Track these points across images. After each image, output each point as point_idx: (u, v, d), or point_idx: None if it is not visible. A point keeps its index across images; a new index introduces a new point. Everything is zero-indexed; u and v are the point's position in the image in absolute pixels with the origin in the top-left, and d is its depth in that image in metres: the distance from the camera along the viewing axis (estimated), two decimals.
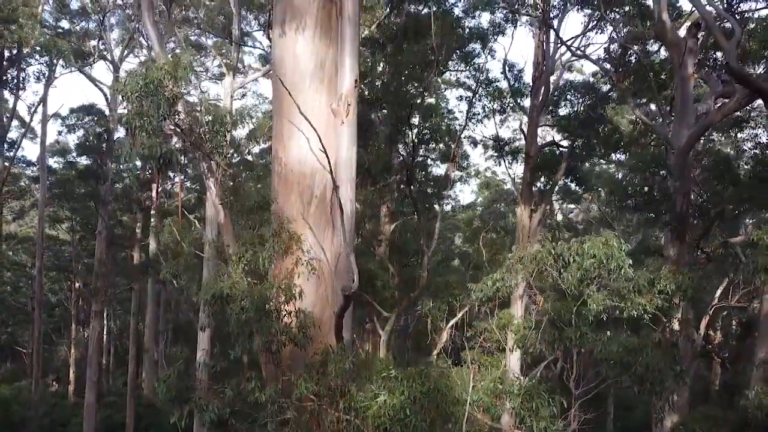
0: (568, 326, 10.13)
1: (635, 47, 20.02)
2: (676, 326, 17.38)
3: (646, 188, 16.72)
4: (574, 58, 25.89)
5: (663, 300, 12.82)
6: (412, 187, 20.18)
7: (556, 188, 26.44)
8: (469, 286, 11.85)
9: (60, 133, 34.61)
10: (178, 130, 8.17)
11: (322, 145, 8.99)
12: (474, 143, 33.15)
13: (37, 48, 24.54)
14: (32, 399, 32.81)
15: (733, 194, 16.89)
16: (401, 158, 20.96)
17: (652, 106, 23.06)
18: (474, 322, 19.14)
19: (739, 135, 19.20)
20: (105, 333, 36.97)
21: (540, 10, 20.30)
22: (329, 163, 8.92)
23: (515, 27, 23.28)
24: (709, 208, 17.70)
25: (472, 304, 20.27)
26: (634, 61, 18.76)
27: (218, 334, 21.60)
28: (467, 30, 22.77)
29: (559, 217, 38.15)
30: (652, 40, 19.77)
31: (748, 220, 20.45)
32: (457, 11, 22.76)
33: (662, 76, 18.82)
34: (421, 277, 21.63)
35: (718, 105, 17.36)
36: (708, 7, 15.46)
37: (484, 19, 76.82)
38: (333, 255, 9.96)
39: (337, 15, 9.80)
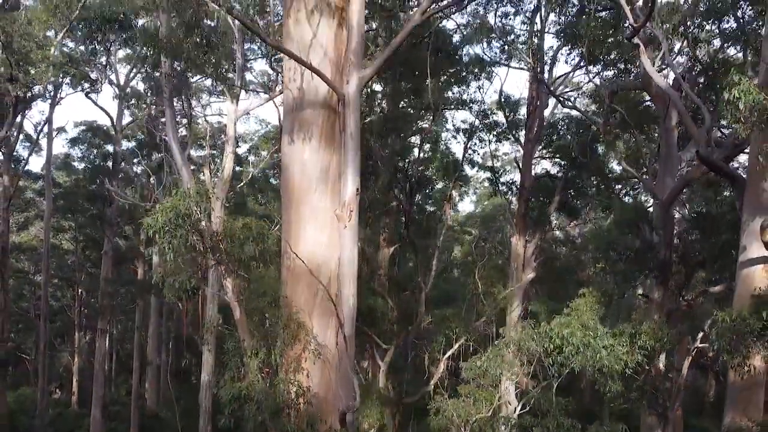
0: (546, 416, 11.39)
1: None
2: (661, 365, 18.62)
3: (630, 249, 17.86)
4: (568, 89, 27.07)
5: (643, 356, 14.14)
6: (409, 229, 21.37)
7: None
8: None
9: (66, 156, 35.88)
10: (206, 249, 9.35)
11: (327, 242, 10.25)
12: (471, 164, 34.33)
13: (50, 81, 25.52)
14: (38, 408, 33.97)
15: (713, 246, 18.10)
16: (399, 198, 22.10)
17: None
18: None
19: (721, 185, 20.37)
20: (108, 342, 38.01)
21: (531, 60, 21.39)
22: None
23: (509, 67, 24.46)
24: (690, 257, 18.92)
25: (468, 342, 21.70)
26: (619, 113, 19.90)
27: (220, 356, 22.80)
28: (463, 63, 23.64)
29: (557, 232, 39.10)
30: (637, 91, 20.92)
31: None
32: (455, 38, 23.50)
33: (646, 127, 19.98)
34: (418, 312, 22.87)
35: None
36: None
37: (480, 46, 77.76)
38: (336, 341, 11.21)
39: (340, 129, 10.98)
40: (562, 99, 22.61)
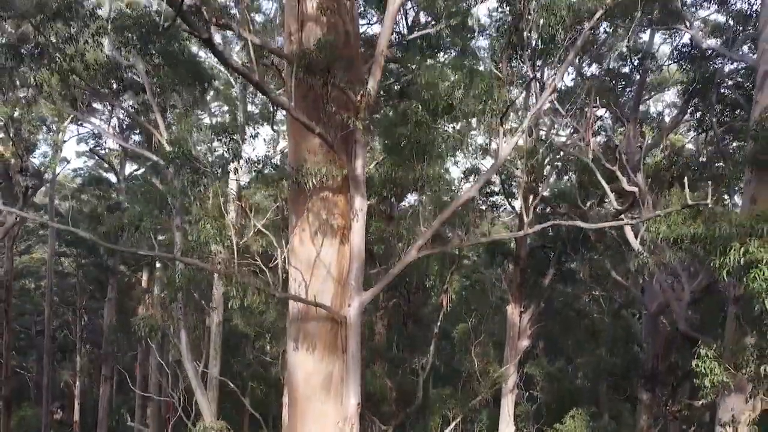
0: None
1: None
2: None
3: (617, 370, 19.26)
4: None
5: None
6: (407, 324, 22.76)
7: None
8: None
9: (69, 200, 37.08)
10: None
11: None
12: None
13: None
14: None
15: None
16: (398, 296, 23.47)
17: None
18: None
19: None
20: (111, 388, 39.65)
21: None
22: None
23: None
24: (677, 368, 20.35)
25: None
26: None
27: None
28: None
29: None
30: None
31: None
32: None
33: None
34: (416, 396, 24.37)
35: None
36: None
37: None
38: None
39: (343, 341, 12.30)
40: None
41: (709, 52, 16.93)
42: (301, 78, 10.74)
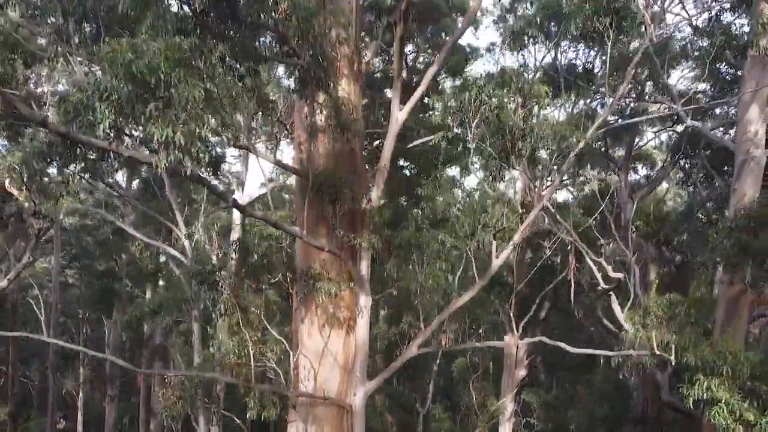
0: None
1: None
2: None
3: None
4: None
5: None
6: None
7: None
8: None
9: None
10: None
11: None
12: None
13: None
14: None
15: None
16: None
17: None
18: None
19: None
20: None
21: None
22: None
23: None
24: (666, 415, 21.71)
25: None
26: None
27: None
28: None
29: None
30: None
31: None
32: None
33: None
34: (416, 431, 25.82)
35: None
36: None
37: None
38: None
39: (349, 427, 13.60)
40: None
41: (691, 129, 18.00)
42: (312, 197, 11.94)
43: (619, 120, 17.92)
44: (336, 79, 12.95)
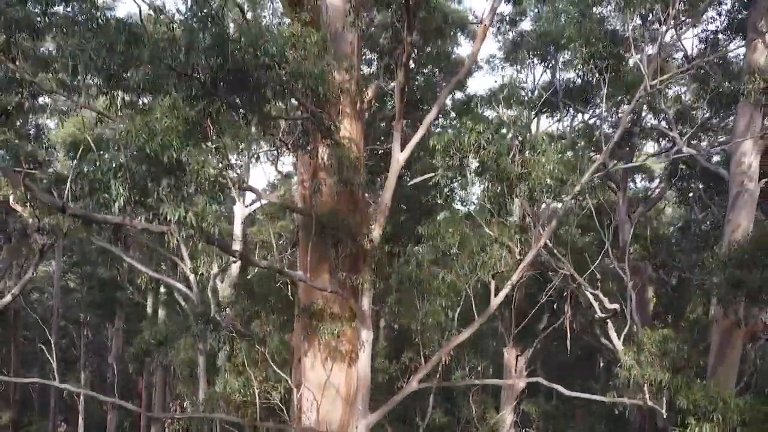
0: None
1: None
2: None
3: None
4: None
5: None
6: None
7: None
8: None
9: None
10: None
11: None
12: None
13: None
14: None
15: None
16: None
17: None
18: None
19: None
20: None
21: None
22: None
23: None
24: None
25: None
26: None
27: None
28: None
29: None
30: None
31: None
32: None
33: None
34: None
35: None
36: None
37: None
38: None
39: None
40: None
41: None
42: (315, 241, 12.31)
43: (617, 163, 18.16)
44: (339, 118, 13.32)
